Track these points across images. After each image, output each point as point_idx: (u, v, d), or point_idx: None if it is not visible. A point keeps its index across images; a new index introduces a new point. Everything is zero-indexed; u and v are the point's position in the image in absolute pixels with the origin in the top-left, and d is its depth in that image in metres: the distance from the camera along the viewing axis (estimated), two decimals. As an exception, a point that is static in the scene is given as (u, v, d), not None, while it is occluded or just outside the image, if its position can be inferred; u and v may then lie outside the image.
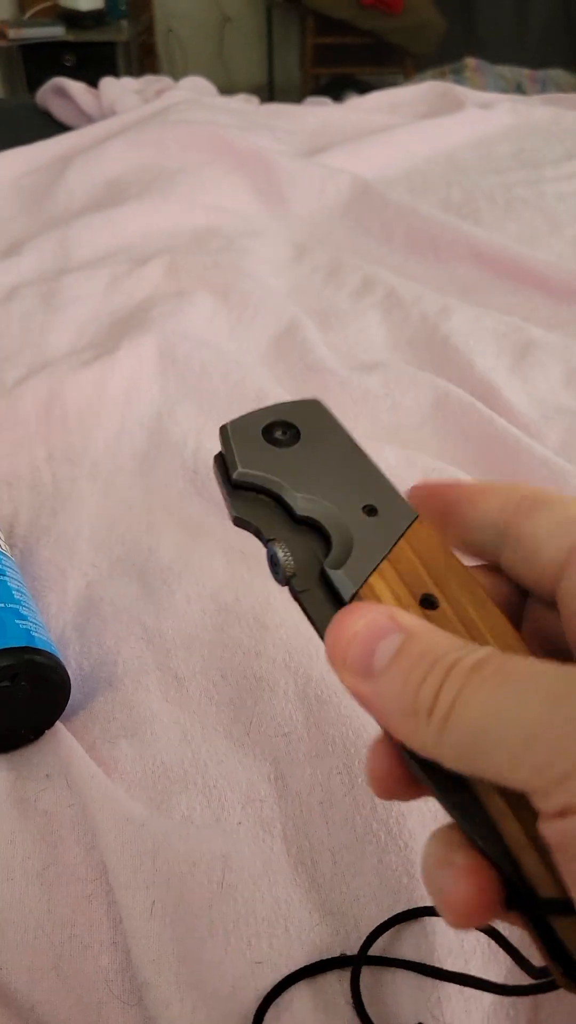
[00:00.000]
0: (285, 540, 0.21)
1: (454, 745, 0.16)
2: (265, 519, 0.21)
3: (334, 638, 0.18)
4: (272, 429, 0.22)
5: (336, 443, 0.22)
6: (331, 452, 0.22)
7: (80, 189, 0.82)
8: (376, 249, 0.74)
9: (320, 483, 0.21)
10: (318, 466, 0.22)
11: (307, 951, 0.27)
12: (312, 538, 0.21)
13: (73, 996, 0.27)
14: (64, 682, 0.33)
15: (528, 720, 0.15)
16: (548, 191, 0.81)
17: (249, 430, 0.22)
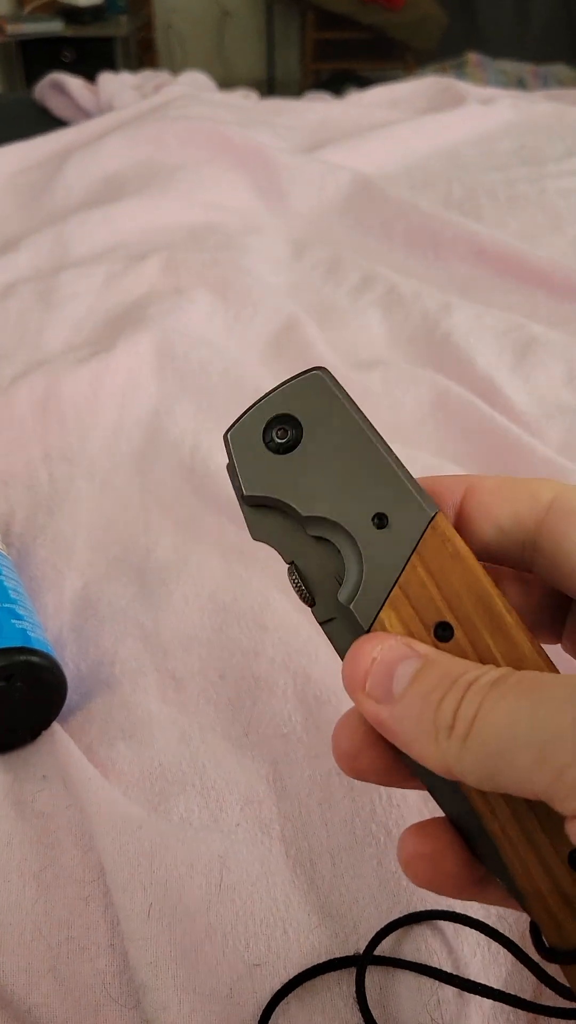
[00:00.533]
0: (304, 558, 0.20)
1: (476, 760, 0.16)
2: (283, 536, 0.21)
3: (352, 667, 0.18)
4: (273, 427, 0.21)
5: (342, 432, 0.20)
6: (337, 446, 0.20)
7: (78, 185, 0.81)
8: (376, 246, 0.74)
9: (327, 494, 0.20)
10: (324, 470, 0.20)
11: (306, 953, 0.27)
12: (330, 553, 0.20)
13: (71, 998, 0.27)
14: (61, 683, 0.33)
15: (547, 727, 0.15)
16: (550, 188, 0.81)
17: (250, 436, 0.21)
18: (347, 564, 0.20)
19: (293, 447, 0.21)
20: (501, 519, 0.20)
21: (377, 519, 0.20)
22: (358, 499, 0.20)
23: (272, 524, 0.21)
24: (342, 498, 0.20)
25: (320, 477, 0.20)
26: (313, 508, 0.20)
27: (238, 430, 0.21)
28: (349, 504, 0.20)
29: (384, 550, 0.19)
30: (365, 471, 0.20)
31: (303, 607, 0.39)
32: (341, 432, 0.20)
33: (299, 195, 0.80)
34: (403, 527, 0.20)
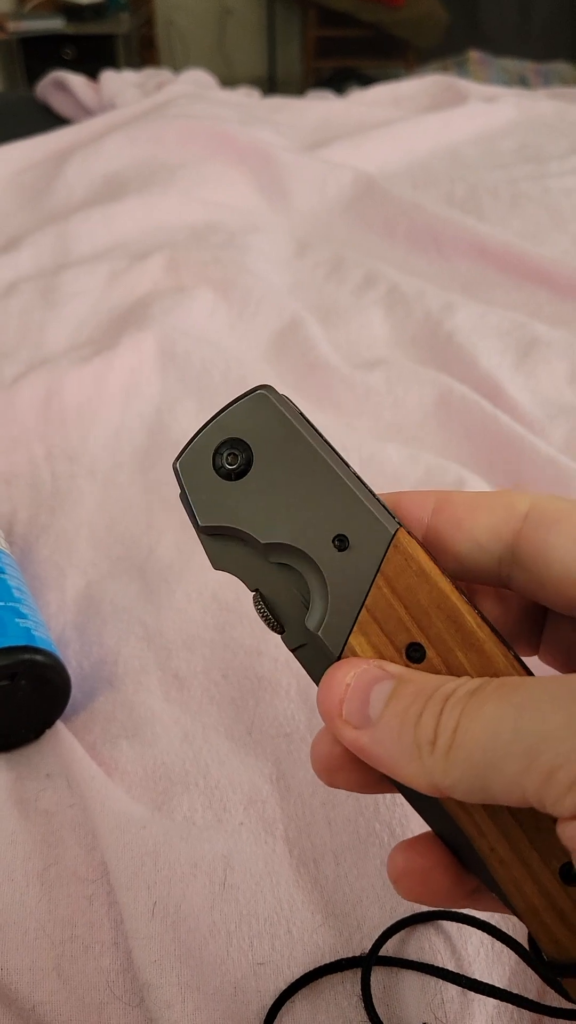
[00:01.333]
0: (269, 585, 0.20)
1: (461, 773, 0.16)
2: (245, 564, 0.20)
3: (326, 695, 0.18)
4: (222, 452, 0.20)
5: (293, 452, 0.20)
6: (289, 467, 0.20)
7: (79, 184, 0.81)
8: (378, 245, 0.74)
9: (284, 519, 0.19)
10: (278, 493, 0.19)
11: (309, 952, 0.27)
12: (295, 579, 0.20)
13: (74, 997, 0.27)
14: (64, 682, 0.33)
15: (532, 730, 0.15)
16: (553, 186, 0.81)
17: (201, 463, 0.20)
18: (312, 590, 0.19)
19: (245, 472, 0.20)
20: (477, 532, 0.20)
21: (337, 541, 0.19)
22: (316, 522, 0.19)
23: (233, 553, 0.20)
24: (299, 522, 0.19)
25: (275, 501, 0.19)
26: (271, 535, 0.19)
27: (187, 458, 0.20)
28: (307, 528, 0.19)
29: (347, 573, 0.19)
30: (320, 491, 0.19)
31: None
32: (292, 452, 0.20)
33: (301, 194, 0.80)
34: (364, 547, 0.19)
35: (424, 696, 0.17)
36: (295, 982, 0.26)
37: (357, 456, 0.46)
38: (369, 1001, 0.26)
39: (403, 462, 0.45)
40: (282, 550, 0.19)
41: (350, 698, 0.18)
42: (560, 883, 0.17)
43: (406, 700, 0.17)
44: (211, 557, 0.20)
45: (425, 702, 0.17)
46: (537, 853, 0.18)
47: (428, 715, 0.16)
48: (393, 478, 0.44)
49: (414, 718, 0.17)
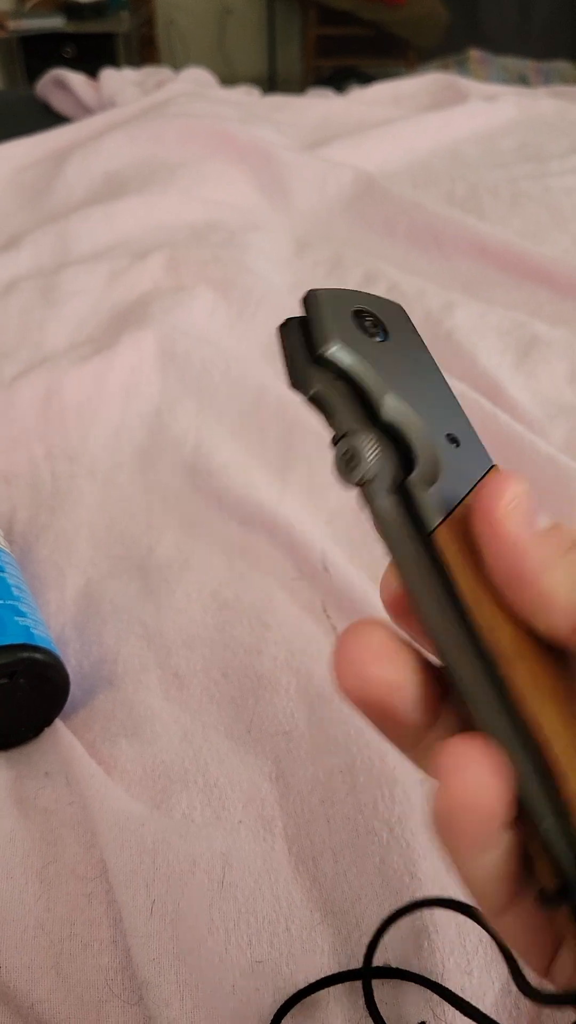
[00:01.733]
0: (358, 437, 0.18)
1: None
2: (341, 406, 0.18)
3: (497, 496, 0.17)
4: (362, 316, 0.19)
5: (419, 357, 0.19)
6: (416, 363, 0.19)
7: (79, 182, 0.81)
8: (379, 244, 0.73)
9: (407, 390, 0.18)
10: (405, 373, 0.19)
11: (308, 950, 0.27)
12: (390, 449, 0.18)
13: (73, 995, 0.27)
14: (63, 680, 0.33)
15: None
16: (553, 185, 0.81)
17: (341, 306, 0.19)
18: (420, 459, 0.18)
19: (379, 340, 0.19)
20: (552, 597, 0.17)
21: (450, 437, 0.18)
22: (435, 411, 0.18)
23: (333, 389, 0.18)
24: (421, 401, 0.18)
25: (400, 375, 0.18)
26: (396, 392, 0.18)
27: (328, 293, 0.19)
28: (428, 409, 0.18)
29: (459, 464, 0.18)
30: (439, 396, 0.19)
31: (305, 604, 0.39)
32: (418, 356, 0.19)
33: (301, 192, 0.80)
34: (471, 457, 0.18)
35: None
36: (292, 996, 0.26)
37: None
38: (373, 1008, 0.26)
39: (402, 461, 0.45)
40: (400, 411, 0.18)
41: (519, 507, 0.17)
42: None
43: (573, 533, 0.17)
44: (312, 382, 0.18)
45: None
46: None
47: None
48: (392, 477, 0.44)
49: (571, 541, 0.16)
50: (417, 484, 0.18)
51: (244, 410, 0.50)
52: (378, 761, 0.32)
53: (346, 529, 0.43)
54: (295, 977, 0.27)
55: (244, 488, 0.44)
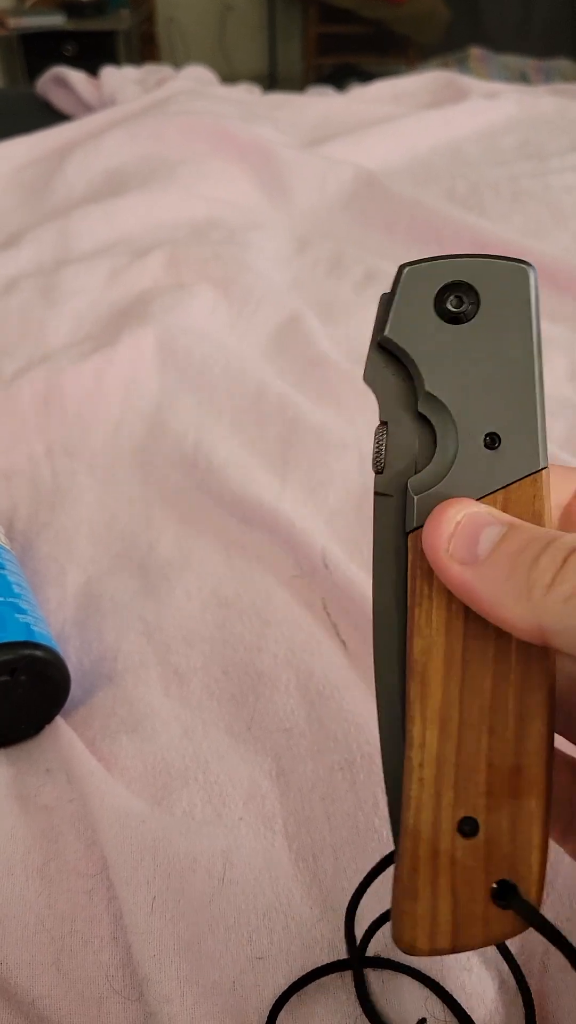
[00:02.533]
0: (398, 425, 0.19)
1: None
2: (391, 394, 0.19)
3: (434, 529, 0.18)
4: (452, 291, 0.19)
5: (511, 338, 0.19)
6: (498, 347, 0.19)
7: (80, 180, 0.81)
8: (379, 241, 0.73)
9: (460, 384, 0.19)
10: (473, 362, 0.19)
11: (308, 947, 0.27)
12: (425, 442, 0.19)
13: (74, 991, 0.27)
14: (64, 677, 0.33)
15: None
16: (554, 183, 0.81)
17: (426, 284, 0.19)
18: (435, 458, 0.19)
19: (456, 321, 0.19)
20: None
21: (489, 437, 0.18)
22: (484, 408, 0.19)
23: (389, 377, 0.19)
24: (471, 397, 0.19)
25: (463, 364, 0.19)
26: (438, 389, 0.19)
27: (418, 271, 0.19)
28: (474, 407, 0.19)
29: (477, 468, 0.18)
30: (508, 388, 0.19)
31: (306, 602, 0.39)
32: (511, 337, 0.19)
33: (302, 190, 0.80)
34: (507, 460, 0.18)
35: (542, 542, 0.17)
36: (287, 989, 0.26)
37: (357, 452, 0.46)
38: (365, 1001, 0.26)
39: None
40: (436, 407, 0.19)
41: (459, 534, 0.17)
42: (457, 835, 0.18)
43: (520, 543, 0.17)
44: (368, 366, 0.20)
45: (544, 547, 0.17)
46: (454, 791, 0.18)
47: (547, 559, 0.16)
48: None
49: (529, 560, 0.16)
50: (414, 485, 0.19)
51: (244, 407, 0.50)
52: (378, 758, 0.32)
53: (346, 526, 0.43)
54: (295, 973, 0.27)
55: (244, 485, 0.44)
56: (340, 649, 0.37)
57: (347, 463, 0.45)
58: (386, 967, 0.27)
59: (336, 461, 0.45)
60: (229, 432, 0.49)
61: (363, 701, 0.34)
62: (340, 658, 0.37)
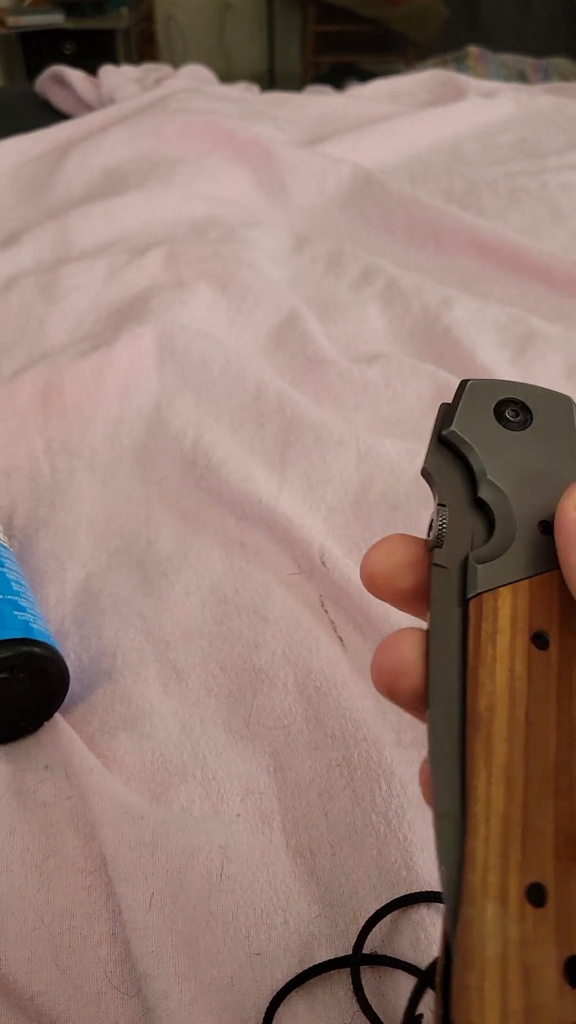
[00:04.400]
0: (456, 509, 0.21)
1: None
2: (448, 483, 0.21)
3: (568, 496, 0.19)
4: (508, 404, 0.22)
5: (558, 450, 0.22)
6: (549, 455, 0.21)
7: (79, 178, 0.81)
8: (377, 239, 0.73)
9: (517, 479, 0.21)
10: (527, 462, 0.21)
11: (305, 943, 0.27)
12: (481, 525, 0.21)
13: (73, 986, 0.27)
14: (63, 674, 0.33)
15: None
16: (551, 181, 0.81)
17: (486, 396, 0.22)
18: (495, 537, 0.20)
19: (513, 430, 0.22)
20: None
21: (543, 525, 0.20)
22: (538, 499, 0.21)
23: (447, 467, 0.22)
24: (526, 489, 0.21)
25: (519, 463, 0.21)
26: (499, 478, 0.21)
27: (480, 384, 0.22)
28: (528, 497, 0.21)
29: (536, 548, 0.20)
30: (557, 485, 0.21)
31: (304, 599, 0.39)
32: (558, 449, 0.22)
33: (300, 188, 0.80)
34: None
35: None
36: (285, 986, 0.26)
37: (355, 450, 0.46)
38: (362, 998, 0.26)
39: (400, 456, 0.45)
40: (495, 495, 0.21)
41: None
42: (526, 902, 0.16)
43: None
44: (429, 458, 0.22)
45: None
46: (525, 857, 0.17)
47: None
48: (390, 472, 0.44)
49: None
50: (476, 556, 0.20)
51: (243, 405, 0.50)
52: (375, 755, 0.32)
53: (344, 524, 0.43)
54: (293, 969, 0.27)
55: (243, 483, 0.44)
56: (338, 646, 0.37)
57: (345, 461, 0.45)
58: (384, 964, 0.27)
59: (334, 459, 0.45)
60: (228, 430, 0.49)
61: (360, 698, 0.35)
62: (338, 655, 0.37)
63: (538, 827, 0.17)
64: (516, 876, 0.16)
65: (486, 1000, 0.15)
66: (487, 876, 0.16)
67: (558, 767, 0.17)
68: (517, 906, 0.16)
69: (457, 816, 0.17)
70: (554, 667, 0.19)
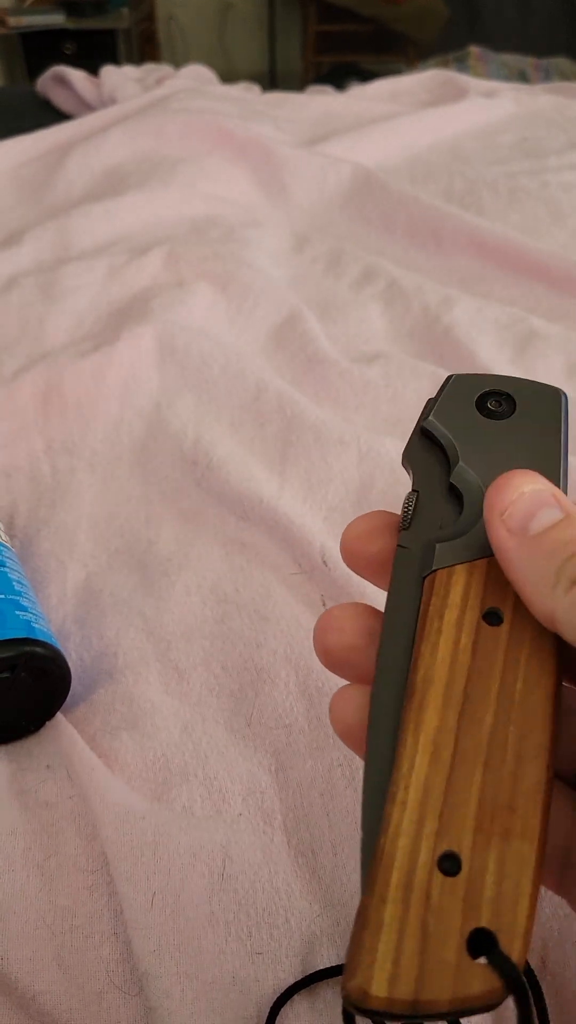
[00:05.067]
0: (427, 495, 0.21)
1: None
2: (424, 471, 0.22)
3: (497, 492, 0.19)
4: (492, 396, 0.22)
5: (539, 436, 0.22)
6: (527, 443, 0.22)
7: (79, 178, 0.81)
8: (377, 239, 0.73)
9: (491, 465, 0.21)
10: (504, 450, 0.21)
11: (307, 942, 0.27)
12: (452, 511, 0.21)
13: (75, 986, 0.27)
14: (64, 673, 0.33)
15: None
16: (551, 181, 0.81)
17: (469, 388, 0.23)
18: (461, 519, 0.20)
19: (493, 418, 0.22)
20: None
21: None
22: None
23: (426, 456, 0.22)
24: (498, 475, 0.21)
25: (496, 451, 0.21)
26: (472, 463, 0.21)
27: (464, 378, 0.23)
28: None
29: None
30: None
31: (305, 598, 0.39)
32: (538, 445, 0.22)
33: (300, 188, 0.80)
34: None
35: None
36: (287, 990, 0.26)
37: (356, 450, 0.46)
38: None
39: (400, 455, 0.45)
40: (465, 479, 0.21)
41: (519, 502, 0.18)
42: (436, 869, 0.16)
43: (566, 535, 0.18)
44: (408, 448, 0.23)
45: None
46: (441, 825, 0.17)
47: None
48: (390, 471, 0.44)
49: (564, 556, 0.17)
50: (436, 538, 0.20)
51: (243, 405, 0.50)
52: (377, 754, 0.32)
53: (345, 523, 0.43)
54: (295, 968, 0.27)
55: (243, 482, 0.44)
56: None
57: (346, 460, 0.45)
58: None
59: (335, 459, 0.45)
60: (228, 430, 0.49)
61: (362, 697, 0.35)
62: (339, 655, 0.37)
63: (461, 799, 0.17)
64: (429, 843, 0.16)
65: (377, 961, 0.15)
66: (398, 840, 0.17)
67: (492, 742, 0.17)
68: (425, 873, 0.16)
69: (383, 785, 0.18)
70: (503, 643, 0.19)
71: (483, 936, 0.15)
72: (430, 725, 0.18)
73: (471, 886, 0.16)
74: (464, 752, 0.17)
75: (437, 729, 0.18)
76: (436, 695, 0.18)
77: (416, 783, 0.17)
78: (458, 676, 0.18)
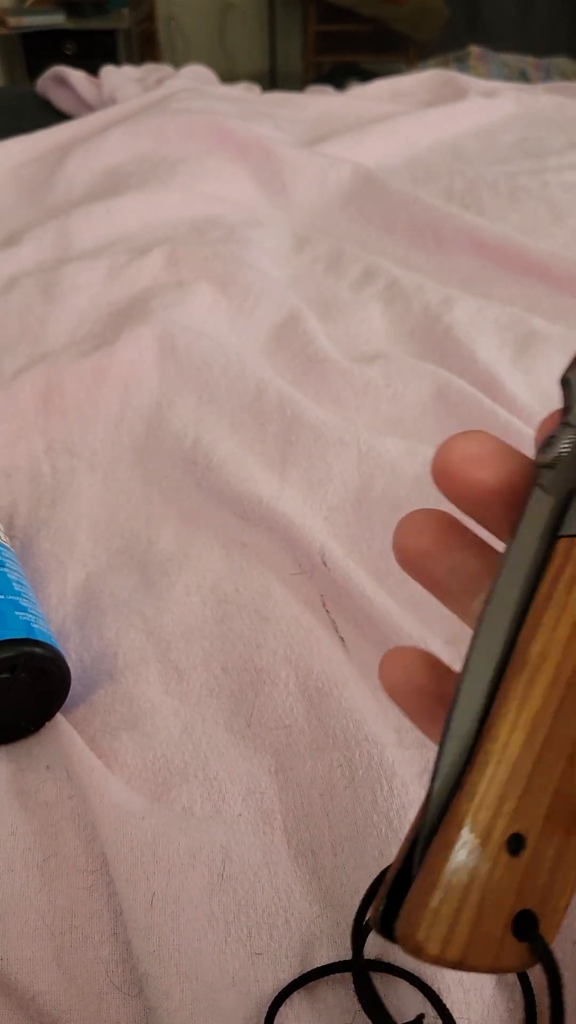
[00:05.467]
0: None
1: None
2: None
3: None
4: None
5: None
6: None
7: (80, 178, 0.81)
8: (378, 239, 0.73)
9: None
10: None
11: (307, 943, 0.27)
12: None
13: (74, 987, 0.27)
14: (64, 674, 0.33)
15: None
16: (552, 181, 0.81)
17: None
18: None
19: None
20: None
21: None
22: None
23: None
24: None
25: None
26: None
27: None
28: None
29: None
30: None
31: (305, 599, 0.39)
32: None
33: (301, 188, 0.80)
34: None
35: None
36: (286, 988, 0.26)
37: (356, 450, 0.46)
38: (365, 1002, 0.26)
39: (401, 455, 0.45)
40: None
41: None
42: (504, 848, 0.16)
43: None
44: (570, 370, 0.20)
45: None
46: (518, 807, 0.17)
47: None
48: (391, 471, 0.44)
49: None
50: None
51: (244, 405, 0.50)
52: (377, 755, 0.32)
53: (345, 524, 0.43)
54: (295, 969, 0.27)
55: (243, 482, 0.44)
56: (339, 646, 0.37)
57: (346, 460, 0.45)
58: (387, 971, 0.27)
59: (335, 459, 0.45)
60: (228, 430, 0.49)
61: (362, 698, 0.34)
62: (339, 655, 0.37)
63: (541, 785, 0.17)
64: (504, 821, 0.17)
65: (436, 923, 0.16)
66: (479, 812, 0.17)
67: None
68: (495, 849, 0.16)
69: (468, 744, 0.17)
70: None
71: (527, 917, 0.16)
72: (535, 704, 0.17)
73: (529, 870, 0.17)
74: (555, 739, 0.17)
75: (539, 710, 0.17)
76: (547, 673, 0.17)
77: (507, 761, 0.17)
78: (570, 661, 0.17)
